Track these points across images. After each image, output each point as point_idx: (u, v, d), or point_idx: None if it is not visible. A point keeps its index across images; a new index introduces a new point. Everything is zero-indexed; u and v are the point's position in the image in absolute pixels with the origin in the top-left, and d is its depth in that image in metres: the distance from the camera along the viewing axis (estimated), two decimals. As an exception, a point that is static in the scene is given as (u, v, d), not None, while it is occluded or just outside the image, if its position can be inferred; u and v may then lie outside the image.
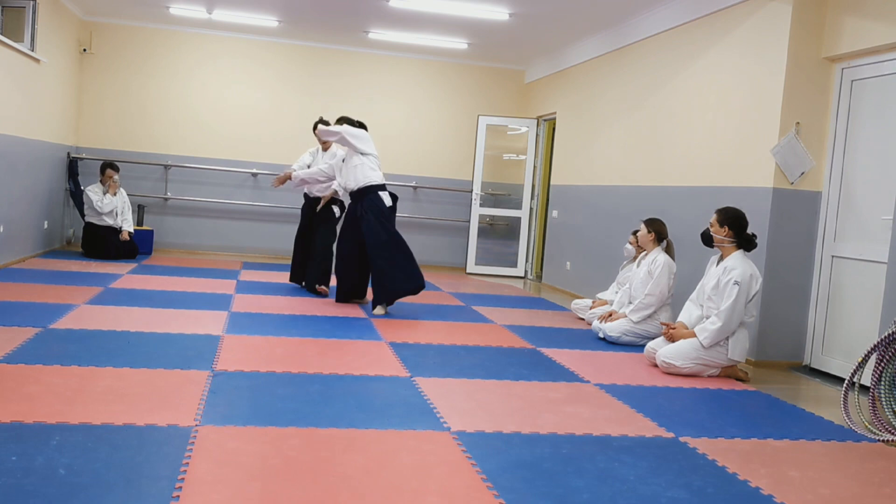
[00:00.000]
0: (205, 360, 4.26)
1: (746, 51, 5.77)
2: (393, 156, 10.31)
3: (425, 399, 3.82)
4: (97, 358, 4.11)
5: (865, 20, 5.02)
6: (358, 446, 3.06)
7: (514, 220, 10.24)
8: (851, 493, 2.99)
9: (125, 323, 5.08)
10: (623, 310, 5.92)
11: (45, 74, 8.17)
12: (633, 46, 7.55)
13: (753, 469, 3.15)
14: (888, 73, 4.96)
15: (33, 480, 2.48)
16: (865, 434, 3.81)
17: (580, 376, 4.57)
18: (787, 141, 5.36)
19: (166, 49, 9.70)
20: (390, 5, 7.63)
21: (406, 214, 10.32)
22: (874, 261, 4.95)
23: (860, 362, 4.07)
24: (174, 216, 9.80)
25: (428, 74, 10.40)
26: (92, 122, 9.60)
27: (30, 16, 7.57)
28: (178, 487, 2.51)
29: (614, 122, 7.85)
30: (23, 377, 3.65)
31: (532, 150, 10.08)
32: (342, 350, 4.79)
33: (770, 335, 5.49)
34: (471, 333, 5.70)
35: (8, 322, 4.81)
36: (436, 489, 2.69)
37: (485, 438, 3.27)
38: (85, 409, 3.25)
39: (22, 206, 7.74)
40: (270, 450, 2.94)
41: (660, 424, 3.67)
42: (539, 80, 10.10)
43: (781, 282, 5.47)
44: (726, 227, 4.84)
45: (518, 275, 10.18)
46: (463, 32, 8.76)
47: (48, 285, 6.36)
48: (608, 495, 2.74)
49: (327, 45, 10.03)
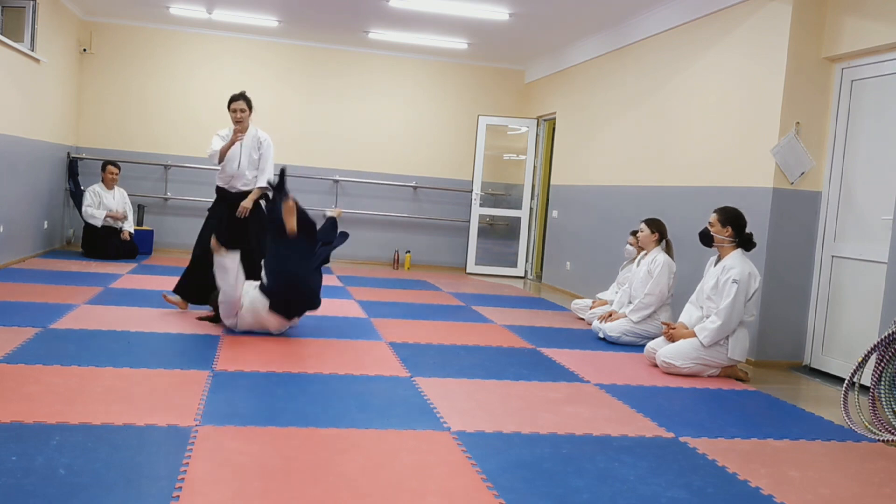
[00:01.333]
0: (205, 360, 4.26)
1: (746, 51, 5.77)
2: (393, 156, 10.32)
3: (425, 399, 3.82)
4: (97, 358, 4.11)
5: (865, 20, 5.02)
6: (358, 446, 3.06)
7: (514, 220, 10.24)
8: (851, 493, 2.99)
9: (125, 323, 5.08)
10: (623, 310, 5.92)
11: (45, 74, 8.17)
12: (633, 46, 7.55)
13: (753, 469, 3.14)
14: (888, 73, 4.96)
15: (33, 480, 2.48)
16: (865, 434, 3.81)
17: (580, 376, 4.57)
18: (787, 141, 5.36)
19: (166, 49, 9.70)
20: (390, 5, 7.63)
21: (406, 214, 10.33)
22: (874, 261, 4.95)
23: (860, 362, 4.07)
24: (174, 216, 9.80)
25: (428, 74, 10.40)
26: (92, 122, 9.60)
27: (30, 16, 7.57)
28: (178, 487, 2.51)
29: (614, 122, 7.85)
30: (23, 377, 3.65)
31: (532, 150, 10.08)
32: (342, 350, 4.79)
33: (770, 335, 5.49)
34: (471, 333, 5.70)
35: (8, 322, 4.81)
36: (436, 489, 2.69)
37: (485, 438, 3.27)
38: (85, 409, 3.24)
39: (22, 206, 7.74)
40: (270, 450, 2.94)
41: (660, 424, 3.67)
42: (539, 80, 10.10)
43: (781, 282, 5.47)
44: (729, 228, 4.85)
45: (518, 275, 10.18)
46: (463, 32, 8.76)
47: (48, 285, 6.36)
48: (608, 495, 2.74)
49: (327, 45, 10.02)
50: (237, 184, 5.71)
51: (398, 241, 10.34)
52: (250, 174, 5.71)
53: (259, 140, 5.76)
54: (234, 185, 5.71)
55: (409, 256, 10.23)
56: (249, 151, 5.70)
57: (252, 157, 5.71)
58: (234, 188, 5.71)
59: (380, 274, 9.23)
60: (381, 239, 10.34)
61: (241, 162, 5.69)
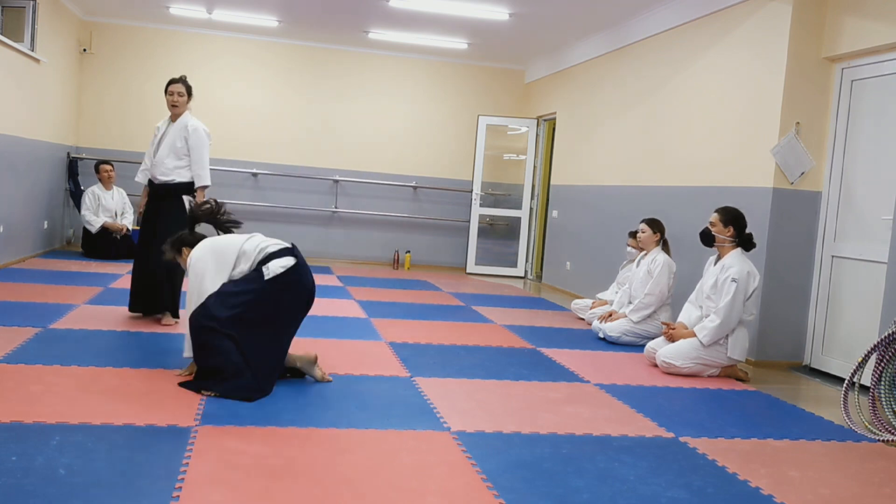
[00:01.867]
0: (205, 360, 4.25)
1: (746, 51, 5.76)
2: (393, 156, 10.32)
3: (425, 399, 3.82)
4: (97, 358, 4.11)
5: (865, 20, 5.02)
6: (358, 446, 3.06)
7: (514, 220, 10.24)
8: (851, 493, 2.99)
9: (125, 323, 5.08)
10: (623, 310, 5.92)
11: (45, 74, 8.16)
12: (633, 46, 7.55)
13: (753, 469, 3.14)
14: (888, 73, 4.96)
15: (33, 480, 2.48)
16: (865, 434, 3.81)
17: (580, 376, 4.57)
18: (787, 141, 5.36)
19: (166, 49, 9.70)
20: (390, 5, 7.62)
21: (406, 214, 10.33)
22: (874, 261, 4.95)
23: (860, 362, 4.07)
24: (174, 216, 9.79)
25: (428, 74, 10.40)
26: (92, 122, 9.60)
27: (30, 16, 7.57)
28: (178, 487, 2.51)
29: (614, 122, 7.85)
30: (23, 377, 3.65)
31: (532, 150, 10.08)
32: (342, 350, 4.79)
33: (770, 335, 5.49)
34: (471, 333, 5.70)
35: (8, 322, 4.81)
36: (436, 489, 2.69)
37: (485, 438, 3.27)
38: (85, 409, 3.24)
39: (22, 206, 7.74)
40: (270, 450, 2.94)
41: (660, 424, 3.67)
42: (539, 80, 10.09)
43: (781, 282, 5.47)
44: (730, 228, 4.86)
45: (518, 275, 10.18)
46: (463, 32, 8.75)
47: (48, 285, 6.36)
48: (608, 495, 2.74)
49: (327, 45, 10.02)
50: (156, 173, 5.28)
51: (398, 241, 10.34)
52: (171, 163, 5.25)
53: (187, 129, 5.30)
54: (154, 174, 5.30)
55: (409, 256, 10.23)
56: (173, 139, 5.28)
57: (175, 145, 5.26)
58: (156, 179, 5.30)
59: (380, 274, 9.23)
60: (381, 239, 10.34)
61: (160, 150, 5.27)
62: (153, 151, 5.33)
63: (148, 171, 5.38)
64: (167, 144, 5.27)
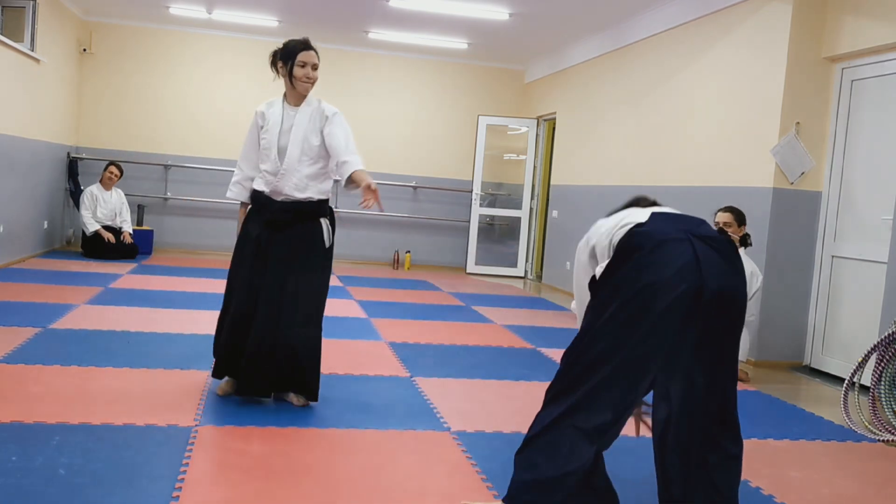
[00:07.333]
0: (205, 360, 4.25)
1: (746, 51, 5.76)
2: (393, 155, 10.31)
3: (425, 399, 3.82)
4: (97, 358, 4.11)
5: (865, 20, 5.02)
6: (358, 446, 3.06)
7: (514, 220, 10.24)
8: (851, 493, 2.99)
9: (125, 323, 5.08)
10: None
11: (45, 74, 8.16)
12: (633, 46, 7.55)
13: (754, 469, 3.14)
14: (888, 73, 4.96)
15: (33, 480, 2.48)
16: (865, 434, 3.81)
17: (580, 376, 4.56)
18: (787, 141, 5.36)
19: (166, 49, 9.70)
20: (390, 5, 7.62)
21: (406, 214, 10.33)
22: (874, 261, 4.95)
23: (860, 362, 4.07)
24: (174, 216, 9.80)
25: (428, 74, 10.40)
26: (92, 122, 9.60)
27: (30, 16, 7.57)
28: (178, 487, 2.51)
29: (614, 122, 7.85)
30: (23, 377, 3.65)
31: (532, 150, 10.08)
32: (342, 350, 4.79)
33: (770, 335, 5.48)
34: (471, 333, 5.70)
35: (8, 322, 4.81)
36: (436, 489, 2.69)
37: (485, 438, 3.27)
38: (85, 409, 3.24)
39: (22, 206, 7.74)
40: (270, 450, 2.94)
41: (660, 424, 3.67)
42: (539, 80, 10.09)
43: (781, 282, 5.47)
44: (743, 227, 4.90)
45: (518, 275, 10.18)
46: (463, 32, 8.75)
47: (48, 285, 6.36)
48: (608, 495, 2.73)
49: (327, 45, 10.01)
50: (285, 186, 3.50)
51: (398, 241, 10.34)
52: (306, 170, 3.51)
53: (324, 115, 3.63)
54: (280, 188, 3.51)
55: (409, 256, 10.23)
56: (306, 133, 3.55)
57: (311, 142, 3.54)
58: (280, 194, 3.51)
59: (380, 274, 9.23)
60: (381, 239, 10.34)
61: (291, 149, 3.51)
62: (275, 153, 3.52)
63: (266, 182, 3.54)
64: (297, 141, 3.52)
